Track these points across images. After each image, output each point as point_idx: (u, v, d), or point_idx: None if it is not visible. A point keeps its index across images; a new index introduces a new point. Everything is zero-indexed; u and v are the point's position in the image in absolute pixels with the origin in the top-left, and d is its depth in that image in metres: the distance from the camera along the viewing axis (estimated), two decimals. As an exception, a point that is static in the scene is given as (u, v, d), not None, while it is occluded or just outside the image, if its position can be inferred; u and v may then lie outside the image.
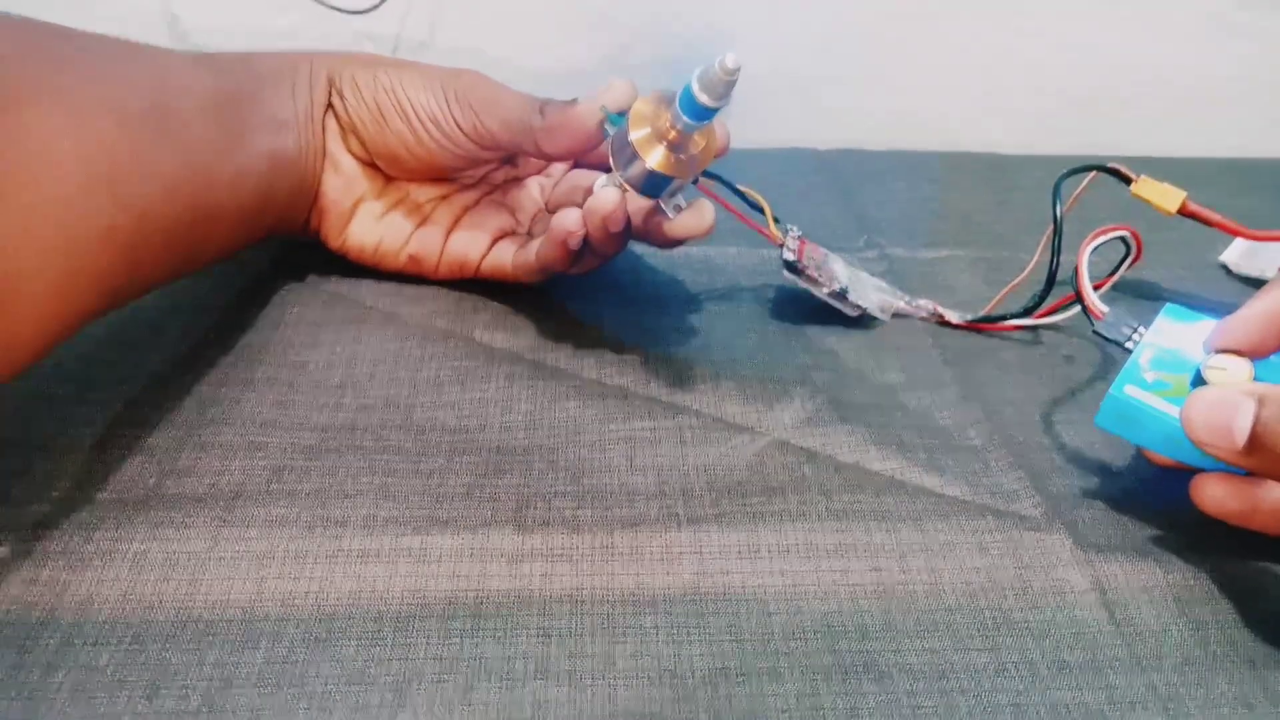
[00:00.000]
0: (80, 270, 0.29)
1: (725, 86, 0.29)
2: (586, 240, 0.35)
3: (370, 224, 0.40)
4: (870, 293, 0.41)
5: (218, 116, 0.35)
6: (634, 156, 0.32)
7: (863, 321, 0.41)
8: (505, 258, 0.40)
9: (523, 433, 0.34)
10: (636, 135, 0.32)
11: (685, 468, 0.33)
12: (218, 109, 0.35)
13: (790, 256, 0.39)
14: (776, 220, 0.40)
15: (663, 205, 0.34)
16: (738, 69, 0.29)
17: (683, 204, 0.34)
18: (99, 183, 0.30)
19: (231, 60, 0.38)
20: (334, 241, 0.41)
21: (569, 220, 0.35)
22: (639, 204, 0.35)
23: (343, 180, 0.40)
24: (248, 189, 0.36)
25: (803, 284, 0.40)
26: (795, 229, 0.41)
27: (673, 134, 0.32)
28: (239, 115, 0.36)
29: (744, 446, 0.34)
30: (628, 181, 0.33)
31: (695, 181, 0.35)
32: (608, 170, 0.34)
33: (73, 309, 0.30)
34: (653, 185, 0.33)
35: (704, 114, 0.30)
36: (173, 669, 0.26)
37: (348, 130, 0.39)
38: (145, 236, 0.31)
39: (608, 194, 0.34)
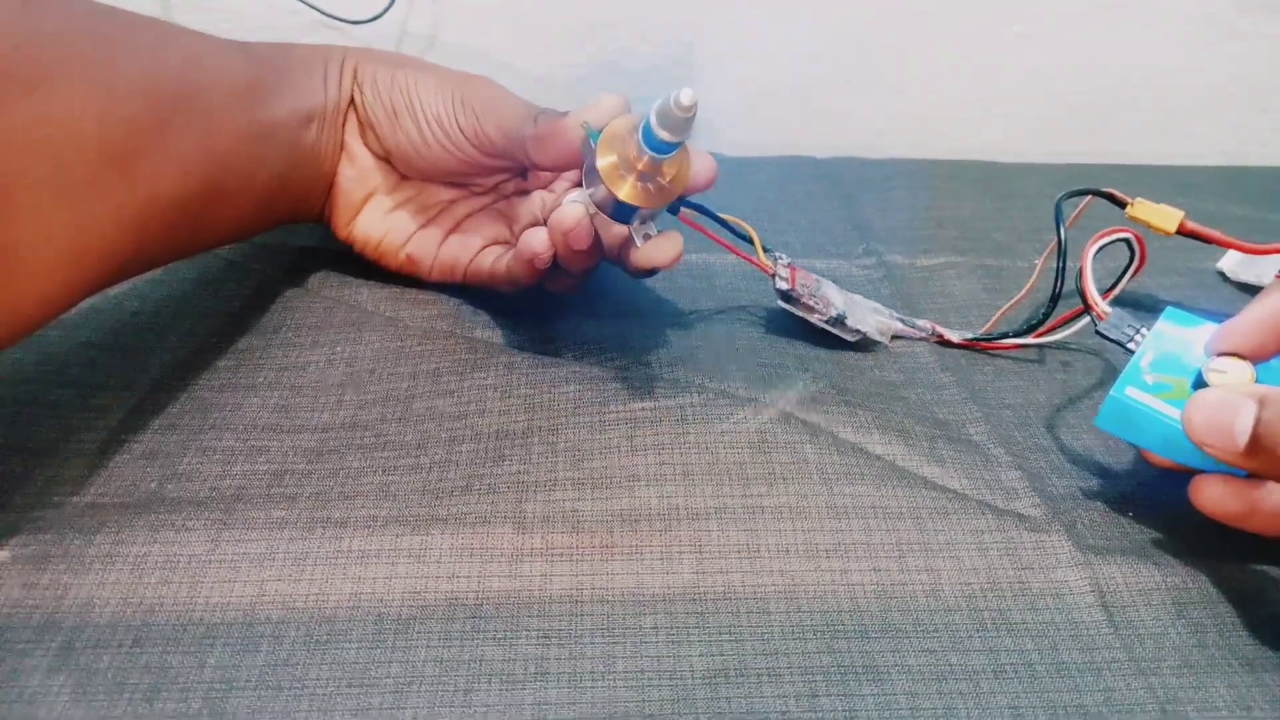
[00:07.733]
0: (84, 246, 0.30)
1: (682, 123, 0.28)
2: (557, 258, 0.35)
3: (378, 217, 0.41)
4: (867, 315, 0.41)
5: (247, 103, 0.35)
6: (600, 180, 0.31)
7: (863, 345, 0.40)
8: (486, 265, 0.40)
9: (522, 415, 0.35)
10: (603, 161, 0.31)
11: (685, 446, 0.33)
12: (248, 95, 0.36)
13: (784, 286, 0.39)
14: (766, 249, 0.39)
15: (633, 232, 0.33)
16: (694, 105, 0.28)
17: (652, 232, 0.33)
18: (114, 162, 0.30)
19: (269, 49, 0.38)
20: (341, 231, 0.41)
21: (535, 241, 0.34)
22: (614, 226, 0.34)
23: (357, 172, 0.40)
24: (262, 177, 0.37)
25: (799, 313, 0.39)
26: (784, 257, 0.40)
27: (641, 162, 0.30)
28: (267, 104, 0.36)
29: (746, 421, 0.34)
30: (596, 203, 0.32)
31: (676, 211, 0.33)
32: None
33: (75, 283, 0.30)
34: (619, 212, 0.32)
35: (665, 148, 0.29)
36: (173, 672, 0.26)
37: (365, 126, 0.40)
38: (153, 216, 0.32)
39: (570, 210, 0.32)
